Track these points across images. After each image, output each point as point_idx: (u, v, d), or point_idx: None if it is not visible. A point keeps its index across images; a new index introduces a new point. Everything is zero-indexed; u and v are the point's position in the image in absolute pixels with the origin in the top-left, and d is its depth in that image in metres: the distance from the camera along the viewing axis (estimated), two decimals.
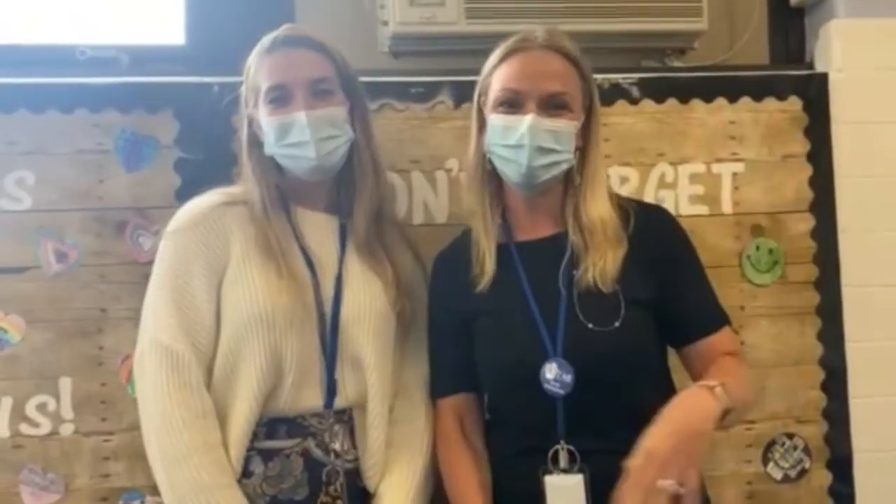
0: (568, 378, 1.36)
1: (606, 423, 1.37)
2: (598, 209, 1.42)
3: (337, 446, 1.43)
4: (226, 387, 1.41)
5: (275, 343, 1.39)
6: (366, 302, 1.46)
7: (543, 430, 1.38)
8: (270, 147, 1.45)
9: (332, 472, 1.42)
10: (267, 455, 1.41)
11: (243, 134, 1.50)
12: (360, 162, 1.50)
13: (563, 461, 1.36)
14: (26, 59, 1.83)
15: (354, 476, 1.45)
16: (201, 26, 1.93)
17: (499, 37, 1.80)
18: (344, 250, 1.49)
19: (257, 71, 1.46)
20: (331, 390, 1.43)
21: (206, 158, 1.74)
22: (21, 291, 1.71)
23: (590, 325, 1.37)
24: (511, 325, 1.42)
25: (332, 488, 1.43)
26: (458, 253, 1.51)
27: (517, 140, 1.39)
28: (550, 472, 1.36)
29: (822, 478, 1.87)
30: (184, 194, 1.62)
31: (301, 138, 1.42)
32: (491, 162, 1.45)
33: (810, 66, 1.99)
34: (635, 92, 1.86)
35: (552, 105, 1.40)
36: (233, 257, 1.43)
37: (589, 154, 1.45)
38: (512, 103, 1.40)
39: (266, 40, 1.47)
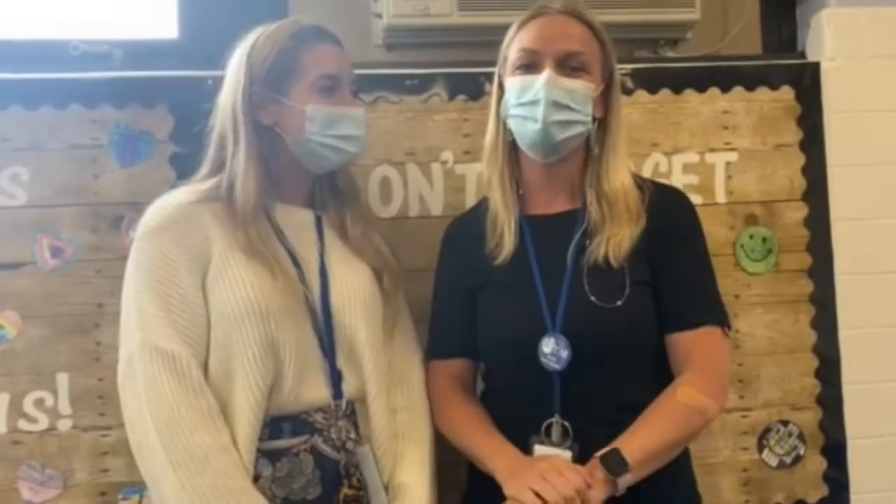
0: (565, 354, 1.36)
1: (601, 400, 1.38)
2: (620, 178, 1.42)
3: (345, 439, 1.40)
4: (223, 387, 1.35)
5: (269, 334, 1.35)
6: (353, 286, 1.45)
7: (538, 404, 1.39)
8: (312, 133, 1.42)
9: (349, 465, 1.40)
10: (274, 456, 1.36)
11: (244, 120, 1.41)
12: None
13: (555, 435, 1.37)
14: (19, 55, 1.82)
15: None
16: (194, 20, 1.93)
17: (492, 28, 1.81)
18: (322, 242, 1.47)
19: (299, 53, 1.42)
20: (336, 381, 1.41)
21: (201, 153, 1.73)
22: (17, 287, 1.71)
23: (593, 300, 1.37)
24: (513, 298, 1.42)
25: (353, 480, 1.40)
26: (470, 222, 1.53)
27: (533, 96, 1.39)
28: (542, 443, 1.38)
29: (817, 464, 1.89)
30: None
31: (355, 132, 1.45)
32: (509, 133, 1.45)
33: (802, 55, 2.00)
34: (629, 83, 1.86)
35: (569, 65, 1.40)
36: (214, 253, 1.37)
37: (609, 124, 1.45)
38: (529, 65, 1.41)
39: (306, 27, 1.45)
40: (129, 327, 1.36)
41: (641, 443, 1.32)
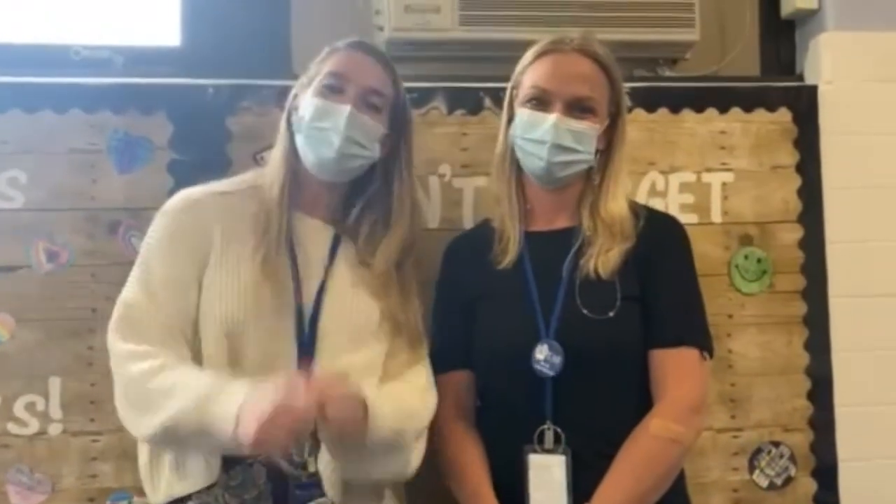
0: (557, 360, 1.40)
1: (592, 407, 1.41)
2: (617, 205, 1.48)
3: (306, 457, 1.37)
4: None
5: (233, 329, 1.37)
6: (347, 312, 1.43)
7: (531, 411, 1.42)
8: (302, 120, 1.44)
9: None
10: (228, 463, 1.36)
11: (282, 121, 1.50)
12: (400, 201, 1.49)
13: (548, 441, 1.40)
14: (20, 59, 1.83)
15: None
16: (197, 28, 1.93)
17: (492, 44, 1.83)
18: (332, 260, 1.46)
19: (325, 60, 1.48)
20: None
21: (200, 160, 1.73)
22: (11, 290, 1.71)
23: (585, 311, 1.41)
24: (510, 308, 1.47)
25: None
26: (474, 237, 1.59)
27: (540, 136, 1.45)
28: (535, 451, 1.40)
29: (808, 486, 1.88)
30: None
31: (333, 125, 1.41)
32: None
33: (800, 77, 2.01)
34: (627, 101, 1.87)
35: (577, 108, 1.46)
36: (214, 245, 1.41)
37: (612, 157, 1.51)
38: (540, 101, 1.47)
39: (349, 40, 1.50)
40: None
41: (619, 497, 1.35)
